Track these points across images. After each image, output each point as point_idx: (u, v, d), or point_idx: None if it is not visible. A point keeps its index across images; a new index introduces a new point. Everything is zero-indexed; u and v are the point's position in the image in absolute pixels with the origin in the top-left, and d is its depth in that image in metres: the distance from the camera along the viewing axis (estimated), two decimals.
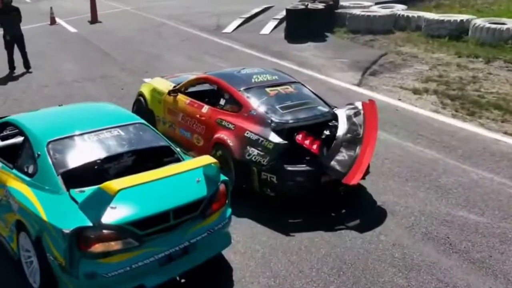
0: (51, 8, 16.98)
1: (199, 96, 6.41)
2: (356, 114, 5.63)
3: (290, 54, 12.77)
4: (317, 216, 5.25)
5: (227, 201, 4.20)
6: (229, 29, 16.00)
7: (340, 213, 5.36)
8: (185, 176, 3.85)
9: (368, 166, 5.72)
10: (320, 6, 14.92)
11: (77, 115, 4.75)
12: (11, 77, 10.41)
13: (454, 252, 4.67)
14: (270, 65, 11.77)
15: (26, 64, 10.75)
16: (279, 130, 5.32)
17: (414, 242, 4.83)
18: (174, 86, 6.74)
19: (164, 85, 7.00)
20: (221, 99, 5.95)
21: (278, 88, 5.93)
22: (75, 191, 3.61)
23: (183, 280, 4.14)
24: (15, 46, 10.58)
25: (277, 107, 5.58)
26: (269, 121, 5.37)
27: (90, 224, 3.35)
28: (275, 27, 15.84)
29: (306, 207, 5.35)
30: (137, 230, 3.51)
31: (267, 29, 15.79)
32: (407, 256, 4.60)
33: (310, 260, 4.51)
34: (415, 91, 9.74)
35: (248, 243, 4.75)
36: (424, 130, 7.73)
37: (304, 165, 5.17)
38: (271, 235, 4.89)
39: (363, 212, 5.41)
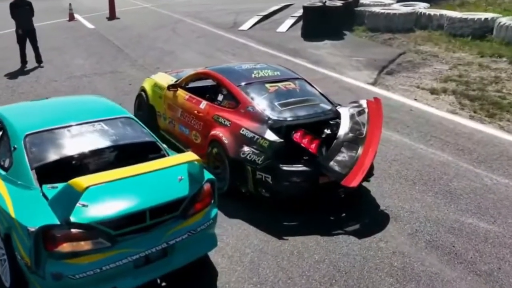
0: (70, 4, 17.06)
1: (200, 91, 6.19)
2: (360, 112, 5.32)
3: (305, 52, 12.48)
4: (315, 219, 4.96)
5: (212, 201, 3.96)
6: (246, 26, 15.80)
7: (339, 217, 5.06)
8: (165, 174, 3.64)
9: (372, 168, 5.42)
10: (338, 3, 14.58)
11: (61, 108, 4.59)
12: (22, 71, 10.40)
13: (459, 263, 4.32)
14: (284, 62, 11.50)
15: (38, 59, 10.73)
16: (277, 128, 5.05)
17: (416, 250, 4.50)
18: (175, 81, 6.54)
19: (166, 80, 6.81)
20: (219, 95, 5.72)
21: (279, 84, 5.66)
22: (47, 187, 3.42)
23: (164, 284, 3.93)
24: (27, 40, 10.54)
25: (275, 103, 5.31)
26: (266, 118, 5.11)
27: (58, 222, 3.16)
28: (293, 25, 15.57)
29: (303, 209, 5.07)
30: (109, 230, 3.30)
31: (284, 27, 15.53)
32: (407, 265, 4.28)
33: (301, 266, 4.23)
34: (433, 91, 9.35)
35: (237, 245, 4.50)
36: (438, 131, 7.36)
37: (301, 165, 4.89)
38: (263, 238, 4.63)
39: (364, 216, 5.10)
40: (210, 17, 17.43)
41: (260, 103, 5.31)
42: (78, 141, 3.92)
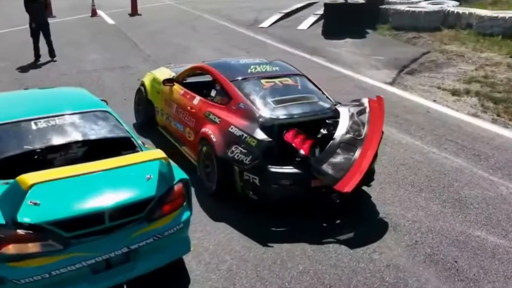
0: (92, 0, 17.10)
1: (197, 87, 5.90)
2: (361, 112, 4.93)
3: (323, 50, 12.07)
4: (306, 225, 4.60)
5: (184, 203, 3.65)
6: (266, 24, 15.47)
7: (333, 224, 4.68)
8: (129, 172, 3.36)
9: (372, 172, 5.03)
10: (361, 0, 14.06)
11: (34, 100, 4.37)
12: (34, 64, 10.37)
13: (459, 280, 3.89)
14: (300, 60, 11.14)
15: (51, 53, 10.69)
16: (268, 126, 4.72)
17: (413, 264, 4.09)
18: (172, 76, 6.28)
19: (165, 75, 6.55)
20: (213, 90, 5.42)
21: (276, 80, 5.31)
22: (1, 183, 3.19)
23: None
24: (41, 34, 10.51)
25: (269, 100, 4.97)
26: (257, 115, 4.77)
27: (3, 222, 2.92)
28: (314, 22, 15.15)
29: (295, 213, 4.72)
30: (62, 232, 3.04)
31: (305, 24, 15.13)
32: (400, 280, 3.87)
33: (282, 277, 3.87)
34: (454, 92, 8.81)
35: (217, 251, 4.18)
36: (455, 135, 6.86)
37: (291, 167, 4.54)
38: (246, 244, 4.30)
39: (360, 224, 4.69)
40: (231, 14, 17.17)
41: (253, 99, 4.98)
42: (44, 135, 3.68)
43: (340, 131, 4.75)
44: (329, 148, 4.60)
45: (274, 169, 4.48)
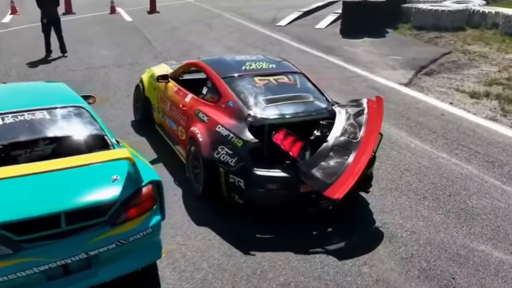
0: None
1: (192, 84, 5.66)
2: (359, 113, 4.60)
3: (339, 49, 11.70)
4: (294, 232, 4.30)
5: (155, 206, 3.41)
6: (284, 22, 15.17)
7: (323, 232, 4.37)
8: (92, 172, 3.14)
9: (370, 178, 4.70)
10: None
11: (7, 94, 4.20)
12: (44, 60, 10.33)
13: None
14: (313, 59, 10.87)
15: (62, 48, 10.64)
16: (258, 126, 4.44)
17: (405, 279, 3.75)
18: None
19: (164, 71, 6.33)
20: (204, 87, 5.17)
21: (270, 78, 5.02)
22: None
23: None
24: (52, 30, 10.47)
25: (260, 99, 4.68)
26: (246, 115, 4.50)
27: None
28: (333, 21, 14.76)
29: (283, 220, 4.43)
30: (11, 235, 2.84)
31: (323, 23, 14.76)
32: None
33: None
34: (473, 95, 8.35)
35: (194, 258, 3.93)
36: (469, 139, 6.44)
37: (279, 170, 4.25)
38: (226, 251, 4.03)
39: (354, 233, 4.37)
40: (250, 13, 16.93)
41: (243, 97, 4.71)
42: (10, 131, 3.49)
43: (335, 133, 4.43)
44: (321, 151, 4.30)
45: (260, 172, 4.19)
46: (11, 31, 13.65)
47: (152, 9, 17.20)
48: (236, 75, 5.01)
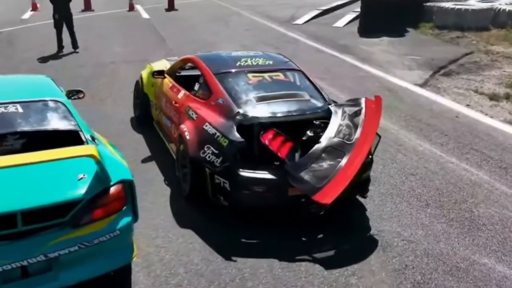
0: None
1: (189, 80, 5.46)
2: (357, 113, 4.33)
3: (355, 48, 11.35)
4: (282, 238, 4.05)
5: (124, 208, 3.22)
6: (301, 20, 14.88)
7: (314, 238, 4.11)
8: (55, 169, 2.97)
9: (367, 182, 4.41)
10: None
11: None
12: (56, 55, 10.32)
13: None
14: (327, 58, 10.58)
15: (74, 44, 10.61)
16: (247, 125, 4.21)
17: None
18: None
19: (163, 67, 6.16)
20: (197, 84, 4.97)
21: (266, 74, 4.78)
22: None
23: None
24: (64, 25, 10.46)
25: (251, 96, 4.45)
26: (235, 113, 4.27)
27: None
28: (352, 20, 14.39)
29: (271, 224, 4.19)
30: None
31: (342, 22, 14.41)
32: None
33: None
34: (492, 97, 7.92)
35: (172, 263, 3.72)
36: (482, 144, 6.06)
37: (265, 172, 4.00)
38: (207, 256, 3.80)
39: (346, 240, 4.09)
40: (269, 11, 16.68)
41: (234, 94, 4.48)
42: None
43: (328, 134, 4.17)
44: (312, 152, 4.04)
45: (246, 173, 3.96)
46: (29, 27, 13.76)
47: (171, 7, 17.13)
48: (229, 71, 4.80)
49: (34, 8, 16.51)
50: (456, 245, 4.02)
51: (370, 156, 4.32)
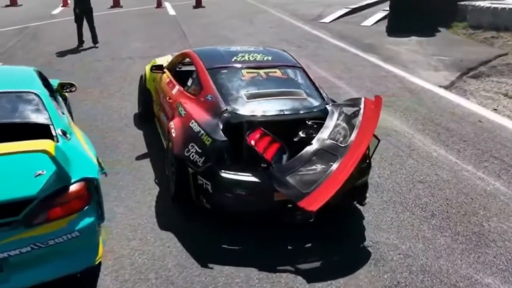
0: None
1: (187, 76, 5.24)
2: (355, 114, 4.00)
3: (381, 48, 10.90)
4: (267, 245, 3.77)
5: (87, 207, 3.01)
6: (328, 19, 14.49)
7: (301, 247, 3.80)
8: (9, 165, 2.79)
9: (365, 189, 4.08)
10: None
11: None
12: (74, 49, 10.35)
13: None
14: (349, 57, 10.19)
15: (94, 39, 10.61)
16: (235, 123, 3.95)
17: None
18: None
19: (166, 62, 5.97)
20: (190, 79, 4.75)
21: (261, 71, 4.50)
22: None
23: None
24: (84, 20, 10.47)
25: (242, 93, 4.18)
26: (222, 110, 4.02)
27: None
28: (381, 19, 13.91)
29: (257, 230, 3.91)
30: None
31: (370, 20, 13.95)
32: None
33: None
34: None
35: (144, 267, 3.49)
36: (504, 151, 5.60)
37: (249, 174, 3.72)
38: (182, 261, 3.56)
39: (336, 251, 3.77)
40: (297, 9, 16.35)
41: (224, 91, 4.23)
42: None
43: (321, 136, 3.86)
44: (301, 155, 3.74)
45: (228, 175, 3.69)
46: (56, 22, 13.93)
47: (198, 4, 17.05)
48: (222, 66, 4.55)
49: (65, 4, 16.74)
50: (459, 262, 3.64)
51: (368, 161, 3.98)
